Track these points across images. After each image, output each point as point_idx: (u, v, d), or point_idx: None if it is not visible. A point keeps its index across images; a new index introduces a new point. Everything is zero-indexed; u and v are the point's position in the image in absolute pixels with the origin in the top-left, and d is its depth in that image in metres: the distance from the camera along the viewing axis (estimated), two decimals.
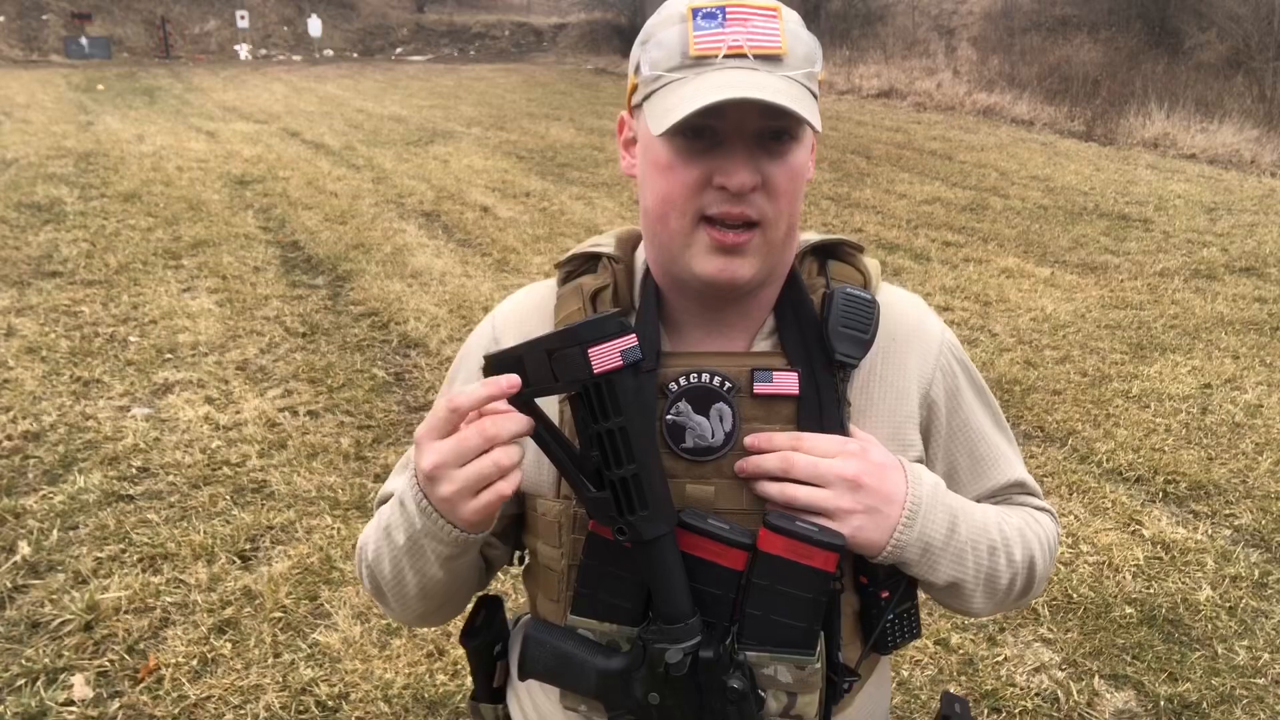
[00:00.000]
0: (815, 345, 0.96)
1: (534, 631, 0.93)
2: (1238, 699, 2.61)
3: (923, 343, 1.04)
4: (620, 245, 1.04)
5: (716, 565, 0.89)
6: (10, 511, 3.33)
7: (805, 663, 0.89)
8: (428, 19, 32.48)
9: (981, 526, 0.98)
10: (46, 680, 2.55)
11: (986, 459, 1.08)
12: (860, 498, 0.90)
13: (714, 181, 0.89)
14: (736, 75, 0.85)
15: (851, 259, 1.05)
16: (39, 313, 5.35)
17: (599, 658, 0.90)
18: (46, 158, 10.01)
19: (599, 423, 0.83)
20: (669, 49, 0.89)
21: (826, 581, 0.88)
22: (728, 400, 0.94)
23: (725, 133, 0.88)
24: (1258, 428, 4.29)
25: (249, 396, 4.35)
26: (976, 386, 1.09)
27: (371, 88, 19.21)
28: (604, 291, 0.99)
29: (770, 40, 0.88)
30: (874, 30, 22.44)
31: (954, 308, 5.88)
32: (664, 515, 0.85)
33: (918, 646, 2.78)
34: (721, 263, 0.91)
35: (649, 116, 0.90)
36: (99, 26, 26.58)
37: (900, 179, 10.10)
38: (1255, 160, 11.22)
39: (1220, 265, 6.99)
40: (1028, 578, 1.03)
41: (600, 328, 0.82)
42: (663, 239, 0.94)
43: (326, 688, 2.56)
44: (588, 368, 0.81)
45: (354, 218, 7.85)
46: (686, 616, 0.87)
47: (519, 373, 0.84)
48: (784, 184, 0.90)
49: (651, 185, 0.93)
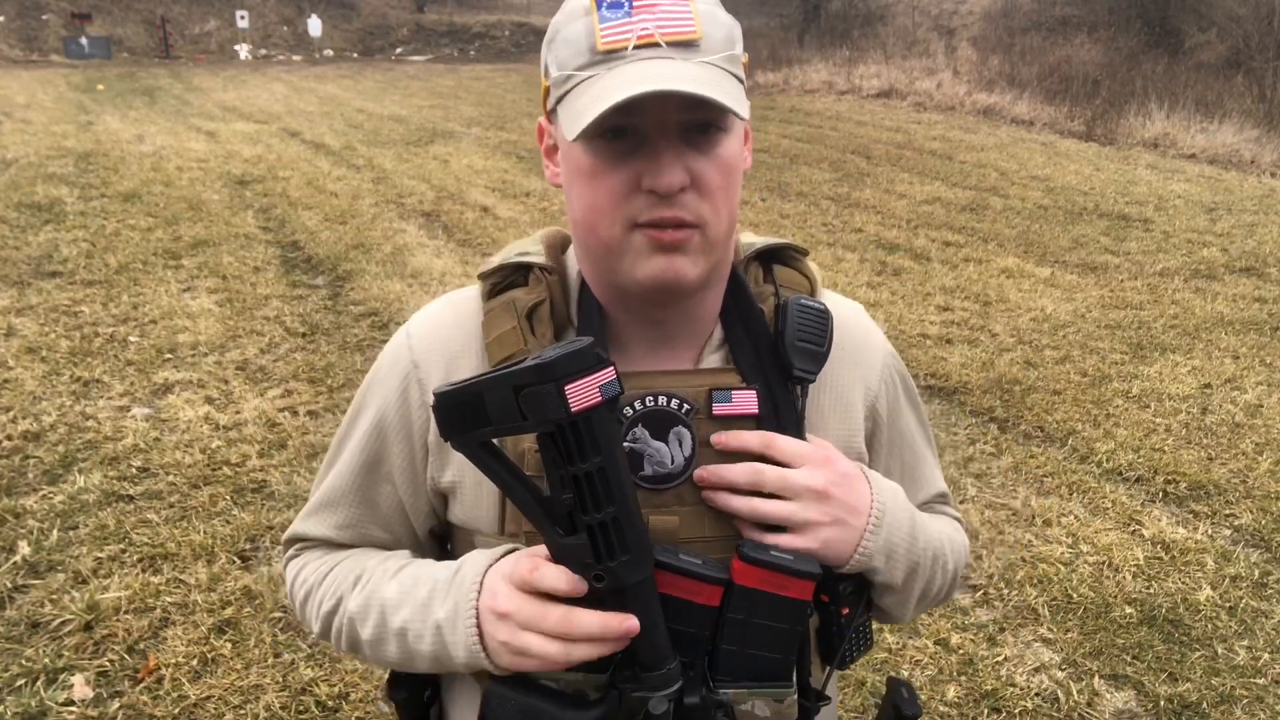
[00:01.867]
0: (770, 360, 0.92)
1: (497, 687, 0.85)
2: (1238, 699, 2.61)
3: (869, 355, 1.01)
4: (550, 252, 0.97)
5: (691, 603, 0.84)
6: (10, 511, 3.33)
7: (784, 695, 0.87)
8: (428, 19, 32.48)
9: (930, 534, 0.97)
10: (46, 680, 2.55)
11: (917, 471, 1.06)
12: (828, 509, 0.87)
13: (642, 185, 0.82)
14: (650, 67, 0.79)
15: (797, 264, 1.01)
16: (39, 313, 5.35)
17: (569, 711, 0.83)
18: (46, 158, 10.01)
19: (575, 464, 0.75)
20: (575, 45, 0.82)
21: (804, 610, 0.85)
22: (686, 423, 0.89)
23: (648, 131, 0.81)
24: (1258, 428, 4.29)
25: (249, 396, 4.36)
26: (912, 399, 1.07)
27: (371, 88, 19.21)
28: (540, 307, 0.92)
29: (683, 25, 0.81)
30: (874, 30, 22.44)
31: (954, 308, 5.88)
32: (644, 558, 0.80)
33: (917, 647, 2.78)
34: (663, 262, 0.84)
35: (563, 121, 0.83)
36: (99, 26, 26.59)
37: (900, 179, 10.10)
38: (1255, 160, 11.22)
39: (1220, 265, 6.99)
40: (950, 587, 1.02)
41: (577, 361, 0.74)
42: (596, 250, 0.88)
43: (326, 688, 2.56)
44: (564, 407, 0.73)
45: (354, 218, 7.85)
46: (667, 661, 0.81)
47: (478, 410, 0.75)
48: (716, 180, 0.84)
49: (577, 194, 0.87)
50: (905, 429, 1.05)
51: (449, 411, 0.77)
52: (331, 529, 1.01)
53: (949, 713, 2.55)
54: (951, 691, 2.61)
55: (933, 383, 4.71)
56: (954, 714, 2.54)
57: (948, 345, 5.23)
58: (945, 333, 5.42)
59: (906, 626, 2.87)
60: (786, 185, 9.70)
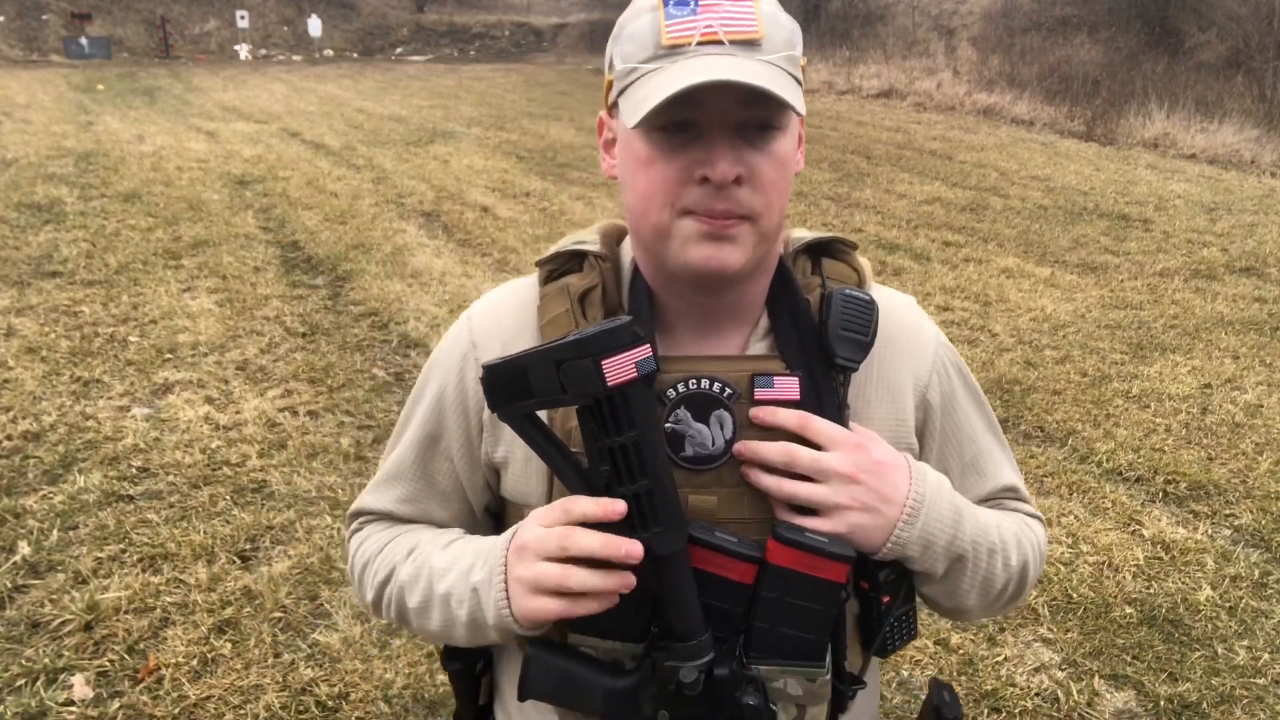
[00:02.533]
0: (814, 348, 0.94)
1: (536, 651, 0.89)
2: (1238, 699, 2.61)
3: (919, 345, 1.02)
4: (605, 241, 1.01)
5: (724, 579, 0.86)
6: (10, 511, 3.33)
7: (815, 674, 0.88)
8: (428, 19, 32.48)
9: (983, 528, 0.96)
10: (46, 680, 2.55)
11: (979, 463, 1.06)
12: (858, 494, 0.88)
13: (695, 174, 0.85)
14: (712, 61, 0.82)
15: (845, 257, 1.03)
16: (39, 313, 5.35)
17: (605, 677, 0.88)
18: (46, 158, 10.01)
19: (611, 437, 0.79)
20: (641, 40, 0.86)
21: (837, 593, 0.87)
22: (728, 407, 0.91)
23: (706, 124, 0.85)
24: (1258, 428, 4.29)
25: (249, 396, 4.35)
26: (971, 389, 1.07)
27: (371, 88, 19.21)
28: (592, 292, 0.95)
29: (746, 25, 0.84)
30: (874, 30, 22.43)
31: (954, 308, 5.88)
32: (678, 530, 0.83)
33: (917, 646, 2.78)
34: (710, 249, 0.87)
35: (624, 111, 0.87)
36: (99, 26, 26.58)
37: (900, 179, 10.10)
38: (1255, 160, 11.22)
39: (1220, 265, 6.99)
40: (1020, 583, 1.02)
41: (614, 338, 0.78)
42: (647, 235, 0.91)
43: (326, 688, 2.56)
44: (601, 381, 0.77)
45: (354, 218, 7.85)
46: (699, 633, 0.84)
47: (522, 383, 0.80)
48: (770, 175, 0.87)
49: (632, 183, 0.90)
50: (962, 420, 1.05)
51: (496, 384, 0.82)
52: (393, 503, 1.05)
53: None
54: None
55: None
56: None
57: None
58: (945, 333, 5.39)
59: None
60: None
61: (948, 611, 1.02)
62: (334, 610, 2.88)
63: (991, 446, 1.08)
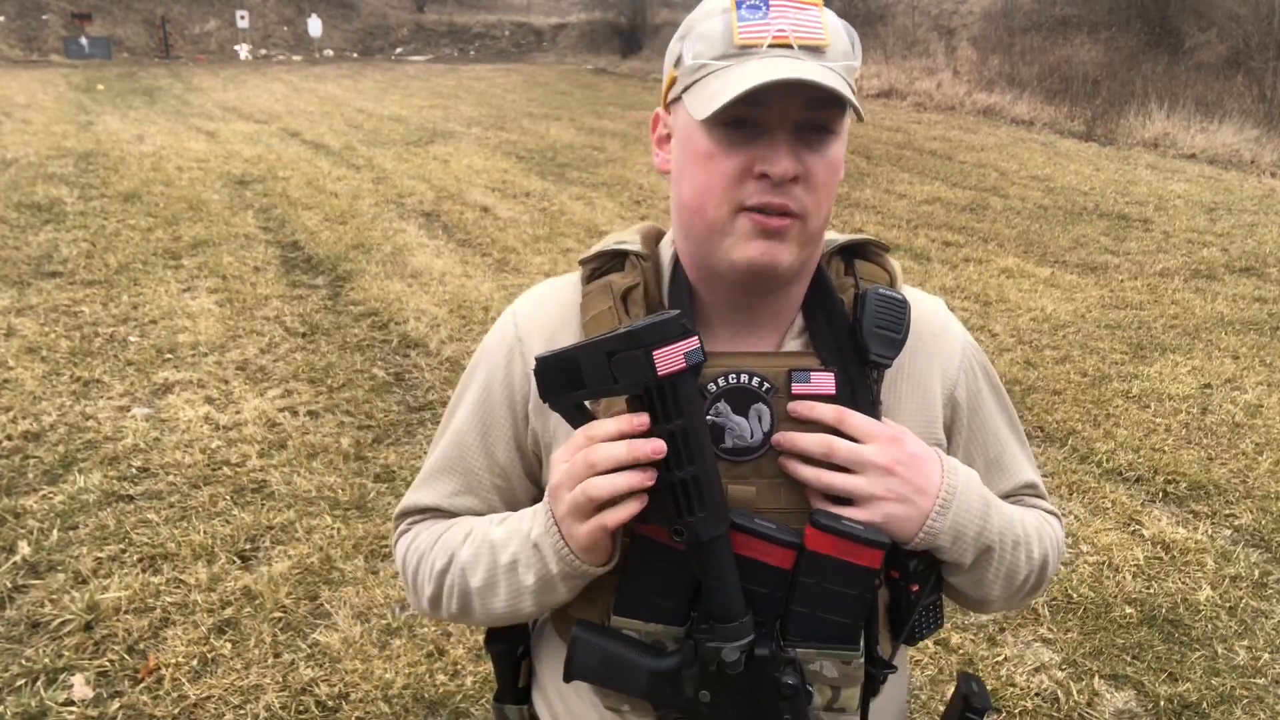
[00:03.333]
0: (848, 345, 0.97)
1: (582, 633, 0.93)
2: (1238, 699, 2.61)
3: (948, 344, 1.06)
4: (645, 242, 1.04)
5: (764, 564, 0.89)
6: (10, 511, 3.33)
7: (850, 657, 0.91)
8: (428, 19, 32.49)
9: (1009, 520, 0.99)
10: (46, 680, 2.55)
11: (1003, 460, 1.09)
12: (893, 485, 0.91)
13: (755, 170, 0.88)
14: (783, 63, 0.85)
15: (878, 259, 1.06)
16: (39, 313, 5.35)
17: (649, 658, 0.91)
18: (46, 158, 10.01)
19: (660, 424, 0.83)
20: (712, 39, 0.89)
21: (872, 578, 0.90)
22: (766, 401, 0.94)
23: (768, 123, 0.88)
24: (1258, 428, 4.29)
25: (249, 396, 4.35)
26: (995, 389, 1.11)
27: (371, 88, 19.21)
28: (634, 290, 0.98)
29: (814, 31, 0.88)
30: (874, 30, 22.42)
31: (954, 308, 5.85)
32: (721, 515, 0.86)
33: (918, 646, 2.78)
34: (763, 246, 0.90)
35: (691, 105, 0.90)
36: (99, 26, 26.58)
37: (900, 179, 10.10)
38: (1255, 160, 11.22)
39: (1220, 265, 6.99)
40: (1040, 576, 1.05)
41: (664, 330, 0.81)
42: (699, 230, 0.94)
43: (326, 688, 2.56)
44: (652, 370, 0.81)
45: (354, 218, 7.85)
46: (740, 615, 0.87)
47: (574, 374, 0.84)
48: (824, 177, 0.90)
49: (689, 177, 0.93)
50: (987, 418, 1.08)
51: (548, 375, 0.85)
52: (441, 497, 1.06)
53: None
54: (952, 691, 2.60)
55: None
56: None
57: None
58: None
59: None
60: None
61: (972, 602, 1.05)
62: (334, 610, 2.88)
63: (1013, 444, 1.11)
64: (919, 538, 0.93)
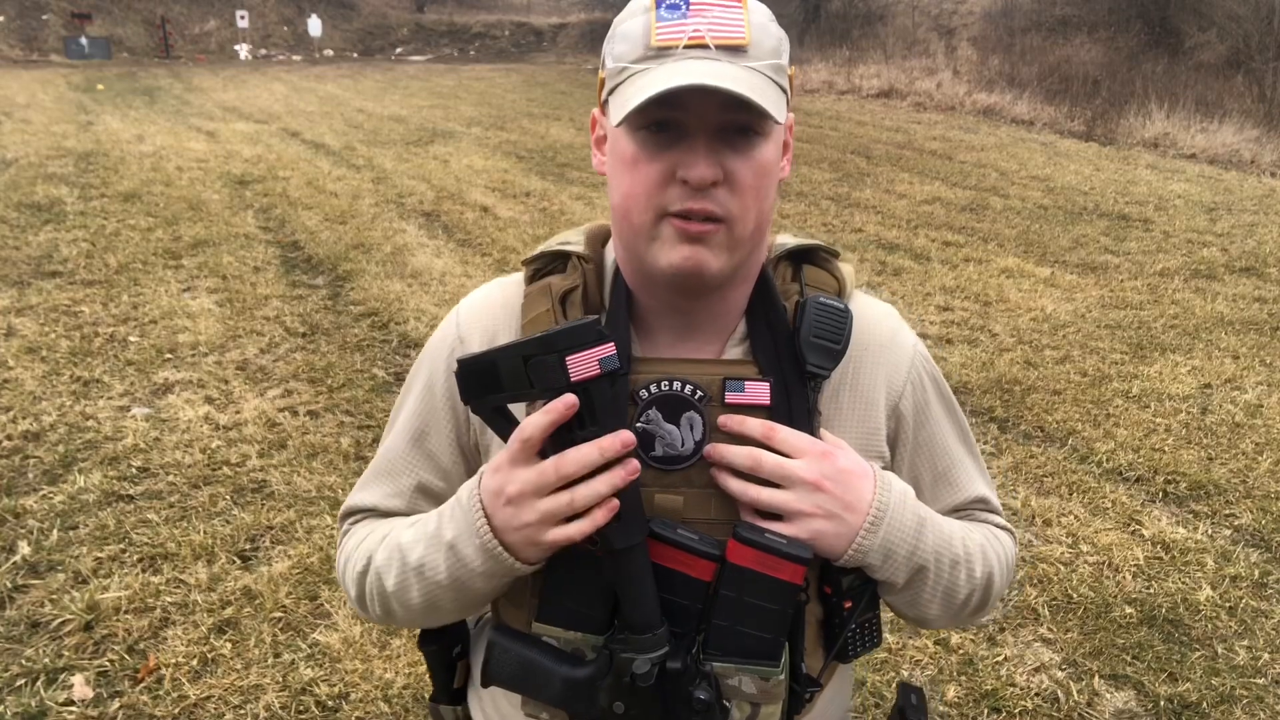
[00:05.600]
0: (787, 354, 0.95)
1: (498, 638, 0.91)
2: (1238, 699, 2.61)
3: (895, 354, 1.03)
4: (590, 243, 1.02)
5: (684, 575, 0.88)
6: (10, 511, 3.33)
7: (770, 674, 0.89)
8: (428, 19, 32.49)
9: (946, 539, 0.97)
10: (46, 680, 2.55)
11: (951, 474, 1.07)
12: (821, 502, 0.89)
13: (676, 175, 0.87)
14: (695, 65, 0.84)
15: (827, 264, 1.04)
16: (39, 313, 5.35)
17: (564, 666, 0.89)
18: (46, 158, 10.01)
19: (573, 431, 0.82)
20: (632, 40, 0.88)
21: (793, 593, 0.88)
22: (699, 409, 0.93)
23: (688, 126, 0.86)
24: (1258, 428, 4.29)
25: (249, 396, 4.35)
26: (945, 401, 1.08)
27: (371, 88, 19.21)
28: (573, 293, 0.97)
29: (733, 30, 0.86)
30: (874, 30, 22.42)
31: (954, 308, 5.88)
32: (636, 524, 0.84)
33: (917, 646, 2.78)
34: (687, 251, 0.88)
35: (611, 109, 0.89)
36: (99, 26, 26.58)
37: (900, 179, 10.10)
38: (1255, 160, 11.22)
39: (1220, 265, 7.00)
40: (985, 594, 1.02)
41: (578, 335, 0.81)
42: (628, 235, 0.92)
43: (326, 688, 2.56)
44: (564, 376, 0.80)
45: (354, 218, 7.85)
46: (655, 627, 0.86)
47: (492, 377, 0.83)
48: (748, 180, 0.88)
49: (617, 181, 0.92)
50: (935, 430, 1.06)
51: (468, 377, 0.85)
52: (381, 497, 1.05)
53: (949, 713, 2.55)
54: (951, 691, 2.61)
55: None
56: (954, 714, 2.54)
57: (948, 345, 5.23)
58: (945, 333, 5.42)
59: (906, 626, 2.87)
60: (786, 185, 9.70)
61: (912, 620, 1.03)
62: (334, 610, 2.88)
63: (964, 458, 1.09)
64: (848, 555, 0.91)
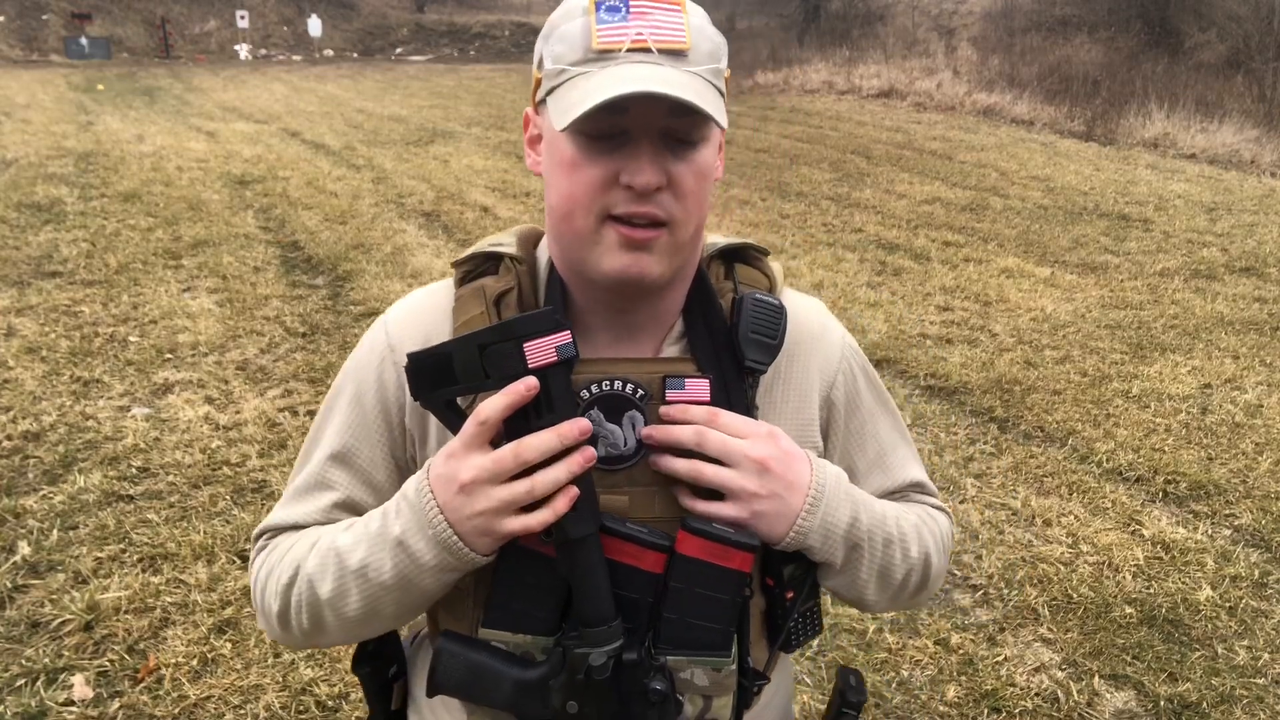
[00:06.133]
0: (725, 351, 0.96)
1: (447, 645, 0.89)
2: (1238, 699, 2.61)
3: (825, 347, 1.05)
4: (522, 244, 1.02)
5: (635, 569, 0.88)
6: (10, 511, 3.33)
7: (721, 665, 0.90)
8: (428, 19, 32.50)
9: (880, 518, 0.98)
10: (46, 680, 2.55)
11: (884, 460, 1.09)
12: (766, 482, 0.90)
13: (620, 180, 0.86)
14: (640, 70, 0.83)
15: (757, 263, 1.05)
16: (39, 313, 5.35)
17: (515, 669, 0.88)
18: (46, 158, 10.01)
19: (530, 420, 0.81)
20: (571, 42, 0.86)
21: (742, 582, 0.89)
22: (640, 408, 0.93)
23: (631, 131, 0.86)
24: (1258, 428, 4.29)
25: (249, 396, 4.35)
26: (875, 389, 1.10)
27: (371, 88, 19.21)
28: (508, 295, 0.96)
29: (675, 35, 0.85)
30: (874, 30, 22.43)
31: (954, 308, 5.88)
32: (591, 514, 0.84)
33: (917, 646, 2.78)
34: (630, 258, 0.89)
35: (553, 112, 0.88)
36: (99, 26, 26.59)
37: (900, 179, 10.10)
38: (1255, 160, 11.22)
39: (1220, 265, 7.00)
40: (923, 574, 1.03)
41: (536, 322, 0.81)
42: (568, 238, 0.92)
43: (326, 688, 2.56)
44: (522, 363, 0.80)
45: (354, 218, 7.85)
46: (609, 619, 0.86)
47: (446, 369, 0.82)
48: (691, 185, 0.89)
49: (556, 183, 0.91)
50: (867, 418, 1.08)
51: (420, 372, 0.84)
52: (305, 515, 1.00)
53: (949, 713, 2.55)
54: (951, 691, 2.61)
55: (933, 383, 4.71)
56: (954, 714, 2.54)
57: (948, 345, 5.23)
58: (945, 333, 5.42)
59: (906, 626, 2.87)
60: (786, 185, 9.70)
61: (853, 603, 1.04)
62: None
63: (896, 443, 1.10)
64: (790, 536, 0.92)
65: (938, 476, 3.78)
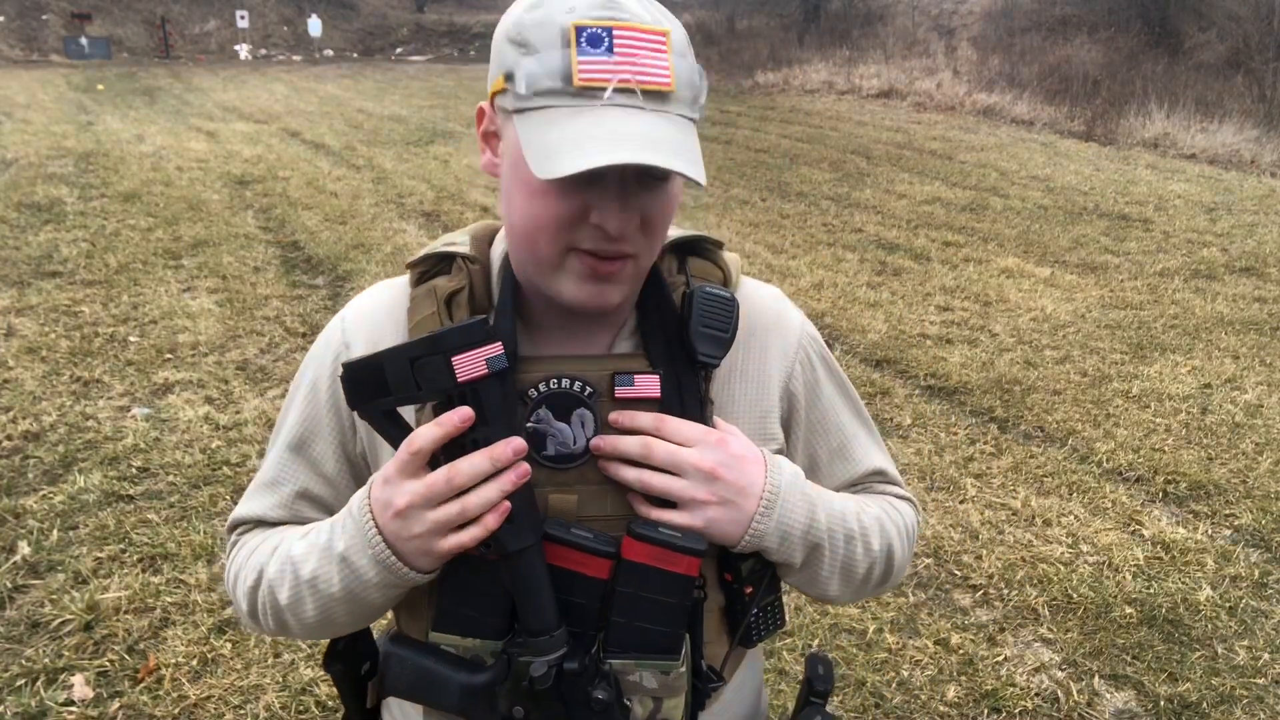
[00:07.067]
0: (677, 345, 0.95)
1: (394, 648, 0.90)
2: (1238, 699, 2.61)
3: (782, 336, 1.03)
4: (476, 243, 1.00)
5: (580, 575, 0.87)
6: (10, 511, 3.33)
7: (670, 668, 0.89)
8: (428, 19, 32.50)
9: (840, 515, 0.98)
10: (46, 680, 2.55)
11: (847, 449, 1.08)
12: (716, 489, 0.89)
13: (590, 219, 0.84)
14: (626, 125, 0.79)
15: (711, 255, 1.03)
16: (39, 313, 5.35)
17: (461, 673, 0.88)
18: (46, 158, 10.01)
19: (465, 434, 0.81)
20: (549, 68, 0.81)
21: (690, 586, 0.88)
22: (589, 405, 0.92)
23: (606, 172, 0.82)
24: (1258, 428, 4.29)
25: (249, 396, 4.36)
26: (836, 378, 1.09)
27: (371, 88, 19.22)
28: (459, 294, 0.95)
29: (659, 76, 0.82)
30: (874, 30, 22.43)
31: (954, 308, 5.88)
32: (530, 526, 0.84)
33: (917, 646, 2.78)
34: (593, 289, 0.88)
35: (526, 143, 0.82)
36: (99, 26, 26.58)
37: (900, 179, 10.10)
38: (1255, 160, 11.22)
39: (1220, 265, 7.00)
40: (886, 566, 1.03)
41: (465, 335, 0.80)
42: (528, 259, 0.90)
43: (326, 688, 2.56)
44: (451, 376, 0.79)
45: (354, 218, 7.85)
46: (552, 629, 0.85)
47: (379, 380, 0.82)
48: (659, 219, 0.88)
49: (520, 205, 0.87)
50: (827, 408, 1.06)
51: (354, 382, 0.83)
52: (267, 508, 1.02)
53: (949, 713, 2.55)
54: (951, 691, 2.61)
55: (933, 383, 4.71)
56: (954, 714, 2.54)
57: (948, 345, 5.23)
58: (945, 333, 5.42)
59: (906, 626, 2.87)
60: (786, 185, 9.70)
61: (816, 597, 1.03)
62: None
63: (858, 432, 1.09)
64: (745, 540, 0.91)
65: (938, 476, 3.78)
